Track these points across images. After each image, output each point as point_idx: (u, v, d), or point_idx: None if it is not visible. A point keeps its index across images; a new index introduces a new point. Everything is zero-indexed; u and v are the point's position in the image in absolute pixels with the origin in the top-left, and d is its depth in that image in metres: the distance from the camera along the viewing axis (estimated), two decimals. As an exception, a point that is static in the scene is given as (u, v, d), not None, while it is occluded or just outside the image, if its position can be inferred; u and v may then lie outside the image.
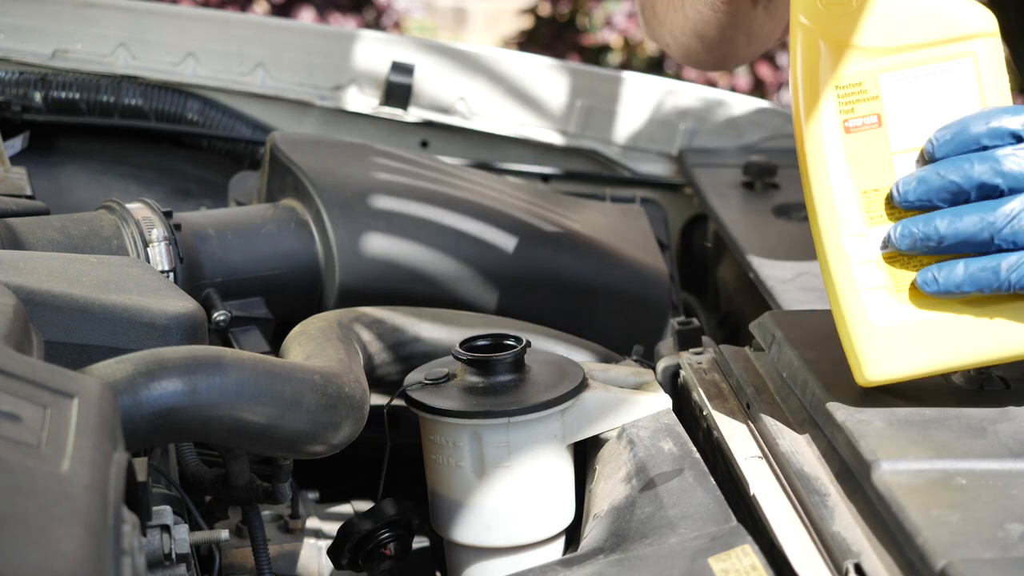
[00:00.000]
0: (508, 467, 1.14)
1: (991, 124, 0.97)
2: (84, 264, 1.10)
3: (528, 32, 6.44)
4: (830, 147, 1.00)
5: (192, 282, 1.32)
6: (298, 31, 2.06)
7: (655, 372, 1.28)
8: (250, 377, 0.96)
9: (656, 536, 0.99)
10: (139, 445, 0.93)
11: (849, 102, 0.99)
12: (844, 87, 0.99)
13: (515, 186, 1.67)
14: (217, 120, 1.96)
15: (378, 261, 1.41)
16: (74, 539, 0.62)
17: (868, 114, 0.99)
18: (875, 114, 0.99)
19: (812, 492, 0.98)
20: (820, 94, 0.99)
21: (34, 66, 1.93)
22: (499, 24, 7.58)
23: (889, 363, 1.00)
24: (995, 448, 0.94)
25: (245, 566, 1.23)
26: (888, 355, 1.00)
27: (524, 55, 2.06)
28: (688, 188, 1.98)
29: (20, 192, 1.42)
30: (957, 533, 0.84)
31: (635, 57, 6.05)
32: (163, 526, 0.92)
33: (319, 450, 1.03)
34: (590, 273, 1.49)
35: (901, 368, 1.01)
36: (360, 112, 2.00)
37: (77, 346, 0.99)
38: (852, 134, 1.00)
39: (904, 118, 0.99)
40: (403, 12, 6.26)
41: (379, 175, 1.50)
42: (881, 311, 1.00)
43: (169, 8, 2.06)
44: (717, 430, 1.14)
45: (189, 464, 1.16)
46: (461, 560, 1.19)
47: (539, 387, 1.16)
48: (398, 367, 1.28)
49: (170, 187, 1.94)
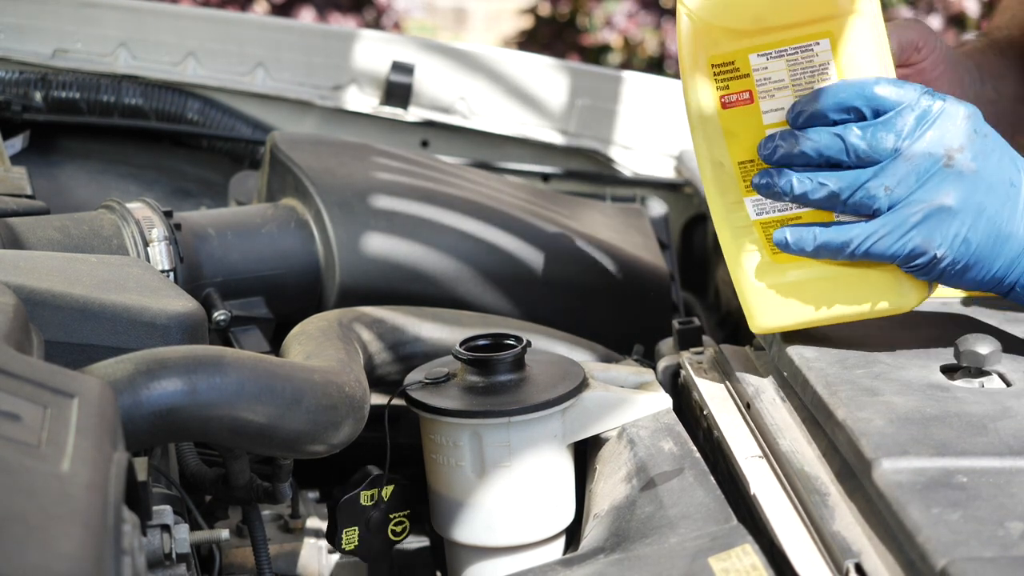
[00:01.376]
0: (508, 467, 1.14)
1: (838, 98, 1.03)
2: (84, 264, 1.10)
3: (528, 32, 6.44)
4: (710, 121, 1.08)
5: (192, 282, 1.32)
6: (298, 31, 2.06)
7: (655, 372, 1.28)
8: (250, 377, 0.96)
9: (656, 536, 0.99)
10: (139, 445, 0.93)
11: (724, 79, 1.07)
12: (718, 66, 1.07)
13: (515, 186, 1.67)
14: (217, 120, 1.96)
15: (378, 261, 1.41)
16: (74, 539, 0.62)
17: (741, 91, 1.07)
18: (747, 90, 1.07)
19: (812, 491, 0.98)
20: (699, 72, 1.08)
21: (34, 66, 1.93)
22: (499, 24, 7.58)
23: (771, 316, 1.12)
24: (996, 446, 0.94)
25: (245, 566, 1.23)
26: (769, 309, 1.12)
27: (524, 55, 2.06)
28: (688, 188, 1.98)
29: (20, 192, 1.42)
30: (958, 531, 0.83)
31: (635, 57, 6.05)
32: (163, 526, 0.92)
33: (319, 450, 1.03)
34: (590, 273, 1.49)
35: (780, 320, 1.13)
36: (360, 112, 2.00)
37: (77, 346, 0.99)
38: (728, 109, 1.08)
39: (773, 94, 1.07)
40: (403, 12, 6.25)
41: (379, 175, 1.50)
42: (759, 271, 1.12)
43: (169, 8, 2.06)
44: (717, 430, 1.14)
45: (189, 464, 1.16)
46: (461, 560, 1.19)
47: (539, 387, 1.16)
48: (398, 367, 1.28)
49: (170, 187, 1.94)
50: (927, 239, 1.04)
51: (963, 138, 1.02)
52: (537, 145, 2.03)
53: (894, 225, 1.04)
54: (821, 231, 1.07)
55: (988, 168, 1.03)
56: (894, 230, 1.04)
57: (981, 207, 1.03)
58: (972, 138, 1.03)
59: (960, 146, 1.02)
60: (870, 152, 1.03)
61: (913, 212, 1.03)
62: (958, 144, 1.02)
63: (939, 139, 1.02)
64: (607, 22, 6.12)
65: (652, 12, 6.05)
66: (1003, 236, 1.04)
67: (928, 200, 1.03)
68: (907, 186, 1.03)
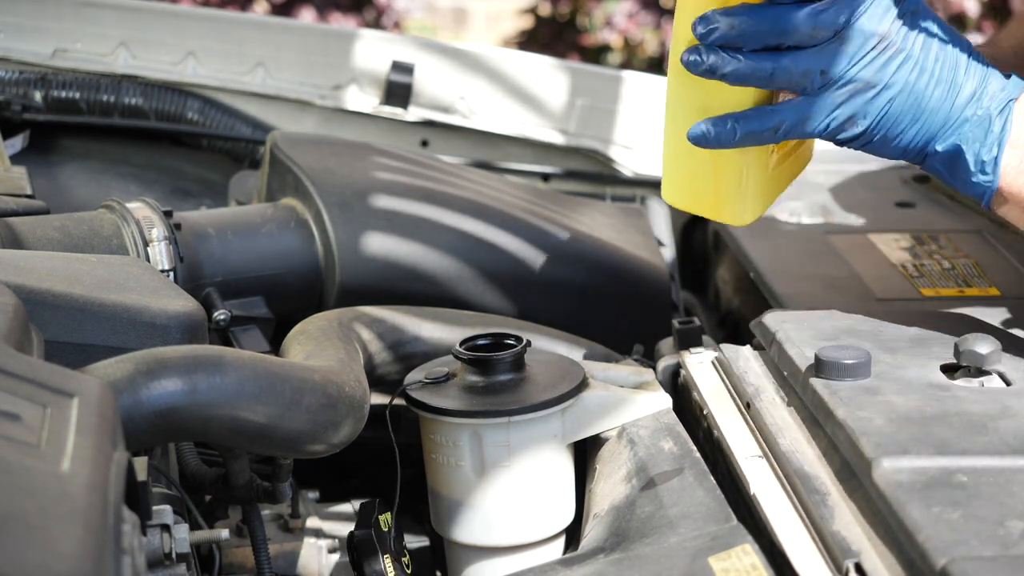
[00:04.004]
0: (508, 466, 1.14)
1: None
2: (84, 263, 1.10)
3: (528, 32, 6.43)
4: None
5: (192, 281, 1.32)
6: (298, 31, 2.06)
7: (655, 371, 1.28)
8: (250, 377, 0.96)
9: (656, 535, 0.99)
10: (139, 444, 0.93)
11: None
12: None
13: (515, 185, 1.67)
14: (217, 119, 1.95)
15: (378, 260, 1.41)
16: (74, 539, 0.62)
17: None
18: None
19: (812, 491, 0.98)
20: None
21: (34, 65, 1.93)
22: (499, 24, 7.57)
23: (748, 212, 1.14)
24: (996, 445, 0.94)
25: (245, 565, 1.23)
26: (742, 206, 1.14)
27: (524, 55, 2.06)
28: (688, 187, 1.98)
29: (20, 191, 1.42)
30: (958, 531, 0.83)
31: (635, 57, 6.05)
32: (163, 525, 0.92)
33: (319, 449, 1.03)
34: (590, 273, 1.49)
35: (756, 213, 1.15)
36: (360, 111, 2.00)
37: (77, 345, 0.99)
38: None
39: None
40: (403, 12, 6.25)
41: (379, 174, 1.50)
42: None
43: (169, 8, 2.06)
44: (717, 429, 1.14)
45: (189, 463, 1.16)
46: (461, 560, 1.19)
47: (539, 386, 1.16)
48: (398, 366, 1.28)
49: (170, 187, 1.94)
50: (852, 114, 1.06)
51: (894, 17, 1.04)
52: (537, 145, 2.03)
53: (823, 105, 1.06)
54: (745, 118, 1.07)
55: (923, 55, 1.05)
56: (822, 110, 1.06)
57: (906, 82, 1.05)
58: (901, 16, 1.05)
59: (891, 27, 1.04)
60: (811, 35, 1.03)
61: (842, 92, 1.05)
62: (890, 24, 1.04)
63: (874, 19, 1.04)
64: (607, 22, 6.12)
65: (652, 12, 6.04)
66: (924, 110, 1.06)
67: (857, 80, 1.05)
68: (839, 67, 1.04)
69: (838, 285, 1.38)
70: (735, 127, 1.07)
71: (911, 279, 1.38)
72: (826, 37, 1.04)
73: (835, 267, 1.43)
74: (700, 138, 1.09)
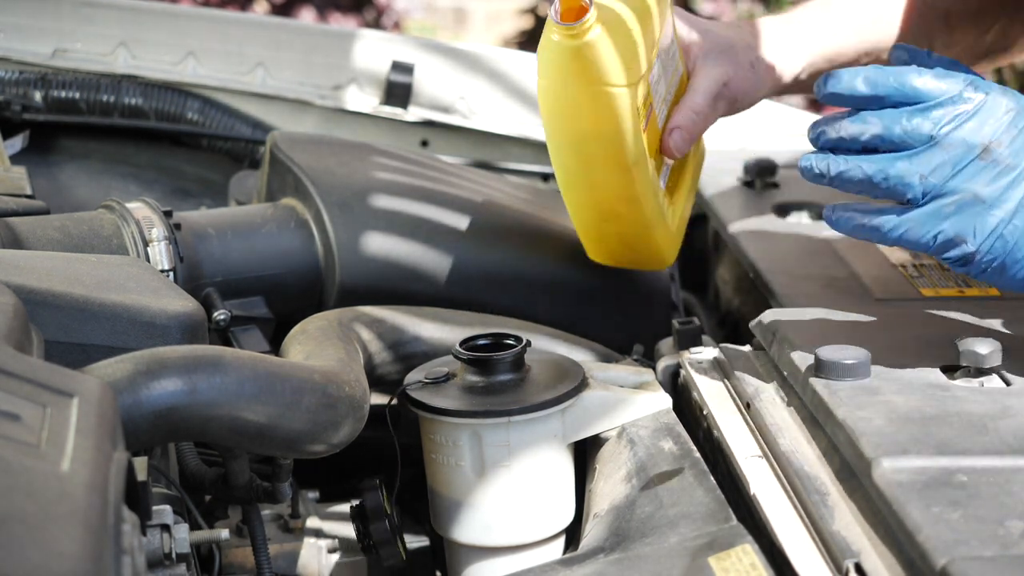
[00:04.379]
0: (508, 466, 1.14)
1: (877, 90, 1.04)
2: (84, 263, 1.10)
3: (528, 32, 6.43)
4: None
5: (192, 281, 1.32)
6: (298, 31, 2.06)
7: (655, 371, 1.28)
8: (250, 376, 0.96)
9: (656, 535, 0.99)
10: (139, 444, 0.93)
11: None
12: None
13: (515, 185, 1.67)
14: (217, 119, 1.95)
15: (378, 260, 1.41)
16: (74, 539, 0.62)
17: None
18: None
19: (812, 491, 0.98)
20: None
21: (34, 65, 1.93)
22: (499, 24, 7.57)
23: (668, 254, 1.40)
24: (996, 445, 0.94)
25: (245, 566, 1.23)
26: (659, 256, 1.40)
27: (524, 54, 2.06)
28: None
29: (20, 191, 1.42)
30: (958, 531, 0.83)
31: (635, 57, 6.03)
32: (163, 525, 0.92)
33: (319, 449, 1.03)
34: (590, 273, 1.49)
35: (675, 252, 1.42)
36: (360, 111, 2.00)
37: (77, 345, 0.99)
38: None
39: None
40: (403, 12, 6.25)
41: (379, 174, 1.50)
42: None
43: (169, 8, 2.06)
44: (717, 429, 1.14)
45: (189, 463, 1.16)
46: (461, 560, 1.19)
47: (539, 386, 1.16)
48: (398, 366, 1.28)
49: (170, 187, 1.94)
50: (960, 231, 1.02)
51: (1003, 131, 1.01)
52: (537, 145, 2.03)
53: (927, 214, 1.03)
54: (859, 215, 1.06)
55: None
56: (927, 219, 1.03)
57: (1019, 203, 1.01)
58: (1012, 132, 1.01)
59: (999, 139, 1.01)
60: (905, 137, 1.01)
61: (947, 203, 1.02)
62: (997, 137, 1.01)
63: (977, 130, 1.01)
64: (607, 22, 6.11)
65: (652, 12, 6.04)
66: None
67: (962, 191, 1.01)
68: (942, 175, 1.01)
69: (838, 285, 1.38)
70: (852, 219, 1.07)
71: (911, 279, 1.38)
72: (923, 139, 1.01)
73: (835, 267, 1.43)
74: (826, 219, 1.10)
